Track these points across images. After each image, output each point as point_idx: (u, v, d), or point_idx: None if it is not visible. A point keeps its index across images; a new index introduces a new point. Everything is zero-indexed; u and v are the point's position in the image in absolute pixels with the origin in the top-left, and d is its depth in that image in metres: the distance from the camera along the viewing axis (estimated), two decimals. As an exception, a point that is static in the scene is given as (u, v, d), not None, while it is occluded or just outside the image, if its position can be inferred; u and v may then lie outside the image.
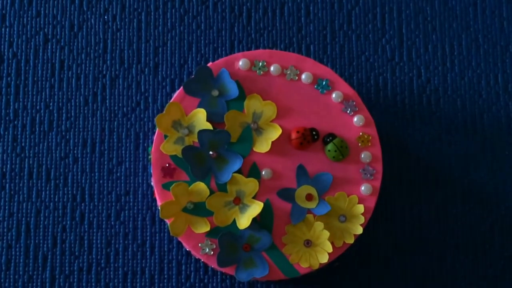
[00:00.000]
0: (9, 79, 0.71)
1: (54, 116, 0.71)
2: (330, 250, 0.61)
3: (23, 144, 0.70)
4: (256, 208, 0.61)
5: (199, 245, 0.61)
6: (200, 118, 0.62)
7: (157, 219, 0.69)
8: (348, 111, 0.63)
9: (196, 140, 0.62)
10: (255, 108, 0.62)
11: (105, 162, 0.70)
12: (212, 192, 0.62)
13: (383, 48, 0.73)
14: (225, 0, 0.73)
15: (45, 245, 0.69)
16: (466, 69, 0.73)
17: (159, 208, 0.61)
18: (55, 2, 0.73)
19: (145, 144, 0.70)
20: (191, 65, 0.72)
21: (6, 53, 0.72)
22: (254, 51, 0.64)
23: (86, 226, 0.69)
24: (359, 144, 0.63)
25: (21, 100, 0.71)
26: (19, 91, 0.71)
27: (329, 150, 0.62)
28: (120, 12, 0.73)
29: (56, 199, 0.69)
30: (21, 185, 0.69)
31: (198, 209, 0.61)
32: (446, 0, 0.74)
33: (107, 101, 0.71)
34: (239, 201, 0.62)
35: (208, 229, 0.61)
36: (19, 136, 0.70)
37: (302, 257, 0.62)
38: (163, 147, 0.62)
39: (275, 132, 0.62)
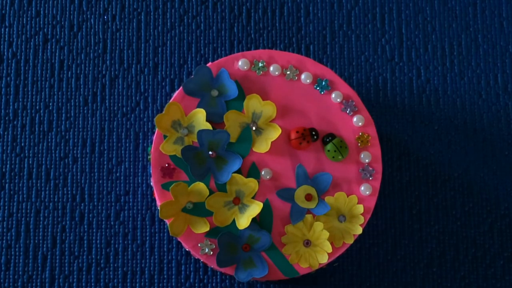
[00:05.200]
0: (8, 79, 0.71)
1: (54, 116, 0.71)
2: (330, 250, 0.61)
3: (22, 144, 0.70)
4: (255, 208, 0.61)
5: (199, 245, 0.61)
6: (199, 118, 0.62)
7: (157, 219, 0.69)
8: (347, 111, 0.63)
9: (196, 140, 0.62)
10: (254, 108, 0.62)
11: (105, 162, 0.70)
12: (211, 192, 0.62)
13: (383, 48, 0.73)
14: (224, 0, 0.73)
15: (44, 245, 0.68)
16: (466, 69, 0.73)
17: (159, 208, 0.61)
18: (55, 2, 0.73)
19: (145, 144, 0.70)
20: (191, 65, 0.72)
21: (5, 53, 0.72)
22: (254, 51, 0.64)
23: (85, 226, 0.69)
24: (359, 144, 0.63)
25: (20, 100, 0.71)
26: (19, 91, 0.71)
27: (328, 150, 0.62)
28: (119, 12, 0.73)
29: (56, 199, 0.69)
30: (20, 185, 0.69)
31: (198, 209, 0.61)
32: (445, 0, 0.74)
33: (107, 101, 0.71)
34: (238, 201, 0.62)
35: (207, 229, 0.61)
36: (18, 136, 0.70)
37: (301, 257, 0.62)
38: (163, 147, 0.62)
39: (275, 132, 0.62)
